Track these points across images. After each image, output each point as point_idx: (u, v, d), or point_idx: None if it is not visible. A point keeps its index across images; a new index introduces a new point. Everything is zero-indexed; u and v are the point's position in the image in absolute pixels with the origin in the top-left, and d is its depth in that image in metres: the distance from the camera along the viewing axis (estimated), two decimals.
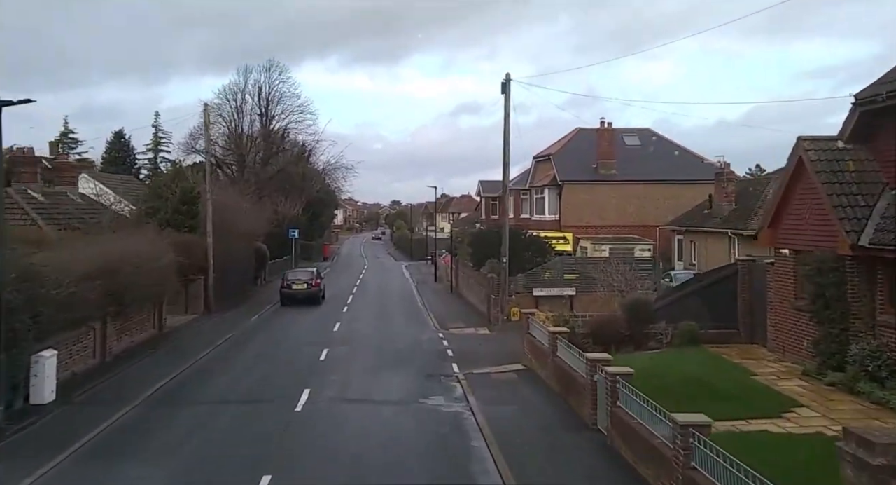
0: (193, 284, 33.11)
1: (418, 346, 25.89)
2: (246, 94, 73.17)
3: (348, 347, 25.27)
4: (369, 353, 24.47)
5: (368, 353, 24.46)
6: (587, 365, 15.00)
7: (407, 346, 25.87)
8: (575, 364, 16.39)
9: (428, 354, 24.33)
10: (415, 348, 25.36)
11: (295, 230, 61.27)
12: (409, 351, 24.77)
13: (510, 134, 30.10)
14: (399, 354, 24.23)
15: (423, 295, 43.09)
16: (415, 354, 24.31)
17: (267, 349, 25.08)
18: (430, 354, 24.34)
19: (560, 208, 45.37)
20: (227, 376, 20.54)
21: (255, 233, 46.22)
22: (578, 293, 30.60)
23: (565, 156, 46.67)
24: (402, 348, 25.26)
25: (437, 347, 25.72)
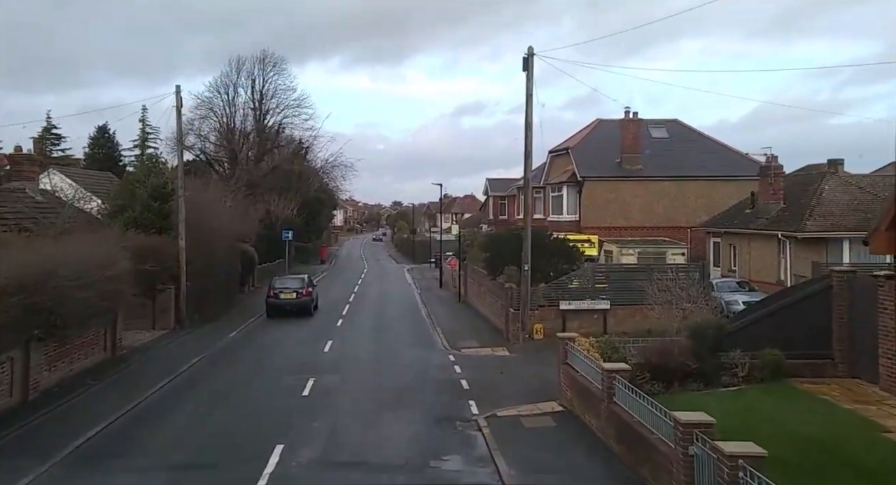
0: (163, 294, 28.37)
1: (425, 373, 21.10)
2: (238, 88, 68.55)
3: (340, 377, 20.47)
4: (365, 384, 19.68)
5: (364, 384, 19.67)
6: (677, 430, 10.22)
7: (411, 373, 21.09)
8: (650, 421, 11.62)
9: (438, 385, 19.54)
10: (421, 377, 20.57)
11: (289, 231, 56.54)
12: (414, 381, 19.99)
13: (532, 117, 25.41)
14: (402, 385, 19.45)
15: (428, 304, 38.32)
16: (421, 385, 19.52)
17: (239, 379, 20.29)
18: (440, 385, 19.56)
19: (580, 208, 40.59)
20: (180, 423, 15.74)
21: (242, 234, 41.49)
22: (612, 307, 25.85)
23: (585, 149, 41.89)
24: (405, 377, 20.48)
25: (448, 374, 20.94)
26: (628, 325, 25.85)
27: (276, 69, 68.81)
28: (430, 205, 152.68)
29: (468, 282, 38.97)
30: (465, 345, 25.66)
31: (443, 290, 47.06)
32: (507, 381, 20.00)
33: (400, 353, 24.42)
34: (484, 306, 33.07)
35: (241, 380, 20.09)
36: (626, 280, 26.49)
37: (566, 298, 25.82)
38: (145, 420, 15.85)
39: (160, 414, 16.36)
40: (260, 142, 69.00)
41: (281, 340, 27.05)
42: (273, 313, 33.40)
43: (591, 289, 26.27)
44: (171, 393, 18.60)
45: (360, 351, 24.78)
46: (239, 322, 31.45)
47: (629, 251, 35.92)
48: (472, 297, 37.16)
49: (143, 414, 16.37)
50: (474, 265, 36.68)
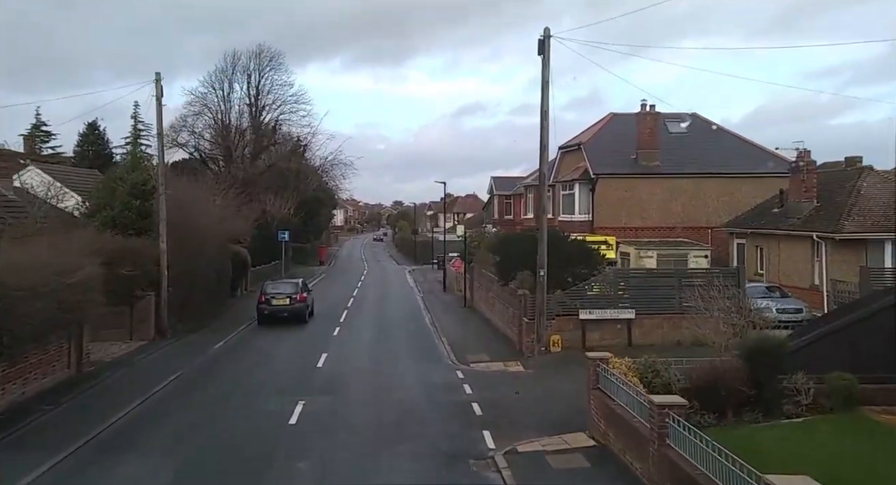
0: (141, 301, 25.75)
1: (431, 394, 18.46)
2: (234, 83, 65.97)
3: (333, 399, 17.85)
4: (362, 409, 17.05)
5: (361, 409, 17.04)
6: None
7: (415, 394, 18.47)
8: (724, 477, 8.98)
9: (446, 410, 16.93)
10: (427, 399, 17.94)
11: (285, 232, 53.93)
12: (418, 405, 17.37)
13: (549, 105, 22.79)
14: (405, 410, 16.83)
15: (432, 310, 35.71)
16: (427, 410, 16.90)
17: (217, 403, 17.65)
18: (448, 409, 16.95)
19: (593, 207, 37.95)
20: (140, 465, 13.12)
21: (235, 235, 38.91)
22: (637, 316, 23.23)
23: (599, 145, 39.25)
24: (408, 400, 17.86)
25: (457, 395, 18.31)
26: (655, 336, 23.31)
27: (273, 64, 66.28)
28: (432, 204, 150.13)
29: (474, 286, 36.36)
30: (474, 359, 23.03)
31: (447, 293, 44.45)
32: (525, 404, 17.41)
33: (402, 368, 21.80)
34: (493, 313, 30.46)
35: (219, 404, 17.44)
36: (652, 287, 23.86)
37: (586, 307, 23.20)
38: (99, 462, 13.21)
39: (119, 453, 13.71)
40: (256, 139, 66.44)
41: (270, 353, 24.43)
42: (265, 321, 30.82)
43: (613, 296, 23.64)
44: (139, 419, 15.99)
45: (358, 366, 22.16)
46: (227, 331, 28.83)
47: (648, 253, 33.31)
48: (480, 302, 34.55)
49: (98, 453, 13.72)
50: (481, 268, 34.07)
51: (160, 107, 26.58)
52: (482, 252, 35.45)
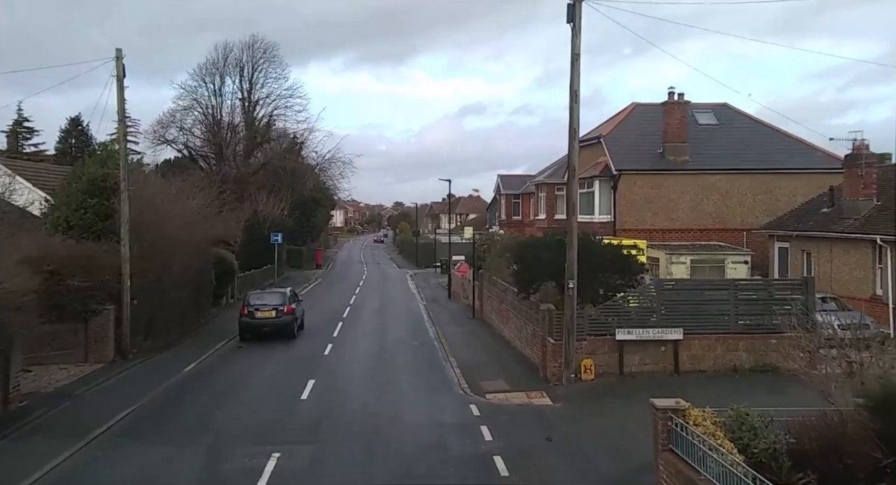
0: (99, 317, 21.81)
1: (441, 443, 14.42)
2: (225, 76, 62.07)
3: (316, 450, 13.84)
4: (352, 469, 13.09)
5: (349, 469, 13.07)
6: None
7: (420, 441, 14.48)
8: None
9: (460, 469, 12.96)
10: (436, 452, 13.89)
11: (278, 234, 50.02)
12: (425, 461, 13.36)
13: (579, 82, 18.93)
14: (407, 471, 12.86)
15: (437, 321, 31.80)
16: (436, 468, 12.95)
17: (161, 460, 13.62)
18: (463, 467, 12.99)
19: (615, 206, 34.02)
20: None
21: (221, 238, 35.00)
22: (686, 337, 19.29)
23: (621, 138, 35.30)
24: (412, 452, 13.84)
25: (473, 445, 14.28)
26: (706, 361, 19.41)
27: (267, 56, 62.35)
28: (434, 205, 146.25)
29: (484, 294, 32.45)
30: (490, 387, 19.09)
31: (452, 301, 40.54)
32: (561, 456, 13.48)
33: (404, 401, 17.82)
34: (508, 328, 26.54)
35: (170, 460, 13.46)
36: (703, 301, 19.92)
37: (623, 326, 19.27)
38: None
39: None
40: (249, 135, 62.57)
41: (248, 379, 20.47)
42: (247, 336, 26.94)
43: (655, 312, 19.70)
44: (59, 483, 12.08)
45: (351, 398, 18.21)
46: (203, 349, 24.93)
47: (680, 259, 29.37)
48: (491, 314, 30.62)
49: None
50: (493, 275, 30.18)
51: (122, 88, 22.71)
52: (493, 257, 31.60)
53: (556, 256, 19.79)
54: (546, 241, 21.24)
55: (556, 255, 19.91)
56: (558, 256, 19.65)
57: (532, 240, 21.72)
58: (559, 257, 19.51)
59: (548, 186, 42.90)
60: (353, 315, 34.46)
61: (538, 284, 20.93)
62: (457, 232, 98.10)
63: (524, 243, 21.57)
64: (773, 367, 19.04)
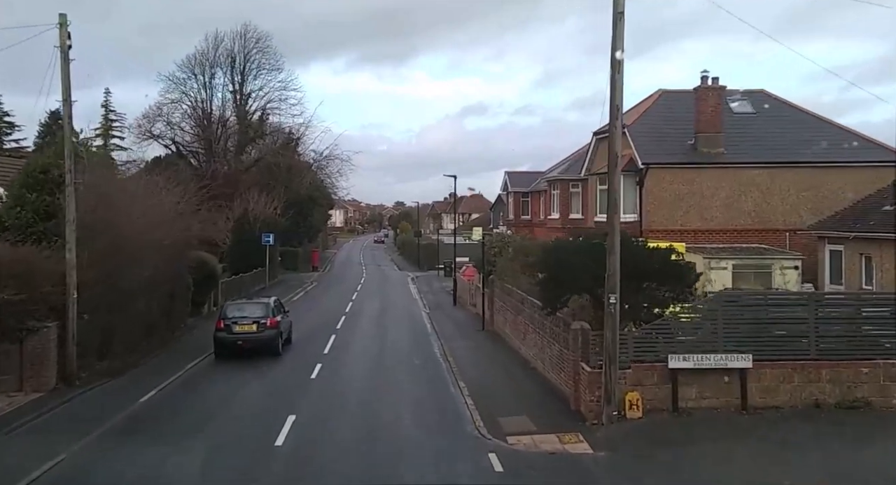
0: (37, 336, 17.95)
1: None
2: (216, 67, 58.27)
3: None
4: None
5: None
6: None
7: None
8: None
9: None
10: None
11: (269, 235, 46.22)
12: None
13: (622, 44, 15.11)
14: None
15: (443, 334, 27.96)
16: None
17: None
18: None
19: (641, 204, 30.15)
20: None
21: (201, 239, 31.18)
22: (755, 364, 15.40)
23: (647, 128, 31.38)
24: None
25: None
26: (781, 394, 15.55)
27: (260, 46, 58.59)
28: (436, 204, 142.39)
29: (495, 303, 28.62)
30: (512, 427, 15.20)
31: (458, 309, 36.70)
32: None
33: (406, 452, 13.90)
34: (526, 345, 22.69)
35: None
36: (773, 320, 16.03)
37: (677, 350, 15.41)
38: None
39: None
40: (240, 130, 58.77)
41: (213, 415, 16.58)
42: (223, 354, 23.12)
43: (715, 332, 15.82)
44: None
45: (339, 444, 14.34)
46: (169, 370, 21.10)
47: (721, 264, 25.45)
48: (504, 326, 26.78)
49: None
50: (506, 282, 26.36)
51: (66, 61, 18.79)
52: (505, 262, 27.77)
53: (592, 263, 15.96)
54: (578, 245, 17.37)
55: (590, 262, 16.07)
56: (594, 263, 15.83)
57: (560, 244, 17.85)
58: (595, 265, 15.70)
59: (562, 183, 39.06)
60: (348, 325, 30.61)
61: (568, 297, 17.06)
62: (461, 232, 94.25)
63: (551, 248, 17.70)
64: (865, 402, 15.25)
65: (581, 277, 16.27)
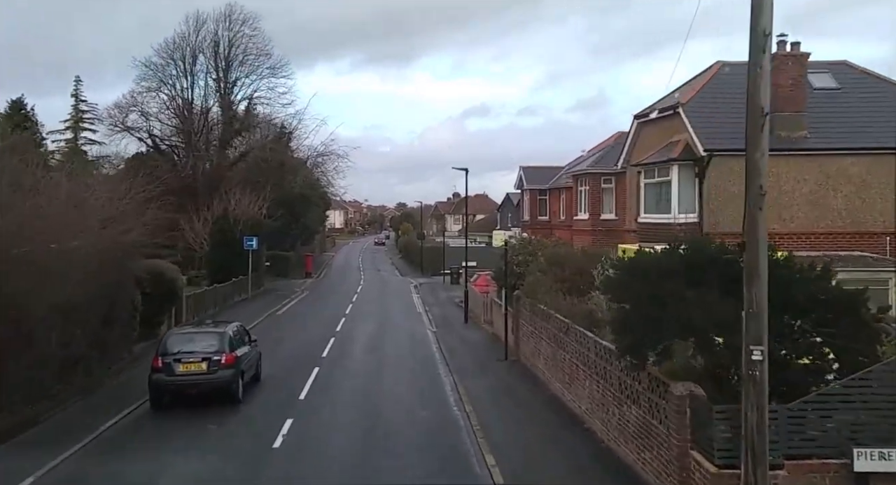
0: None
1: None
2: (197, 52, 52.11)
3: None
4: None
5: None
6: None
7: None
8: None
9: None
10: None
11: (252, 239, 40.00)
12: None
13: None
14: None
15: (455, 366, 21.67)
16: None
17: None
18: None
19: (701, 202, 23.87)
20: None
21: (149, 246, 24.96)
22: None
23: (707, 107, 25.10)
24: None
25: None
26: None
27: (246, 27, 52.46)
28: (439, 205, 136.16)
29: (521, 326, 22.34)
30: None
31: (470, 327, 30.45)
32: None
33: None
34: (574, 392, 16.37)
35: None
36: None
37: (863, 440, 9.17)
38: None
39: None
40: (225, 121, 52.60)
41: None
42: (162, 401, 16.95)
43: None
44: None
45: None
46: (81, 430, 14.89)
47: None
48: (536, 358, 20.46)
49: None
50: (538, 300, 20.14)
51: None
52: (536, 274, 21.54)
53: (706, 295, 9.76)
54: (679, 260, 11.08)
55: (704, 293, 9.86)
56: (710, 295, 9.63)
57: (649, 260, 11.42)
58: (712, 299, 9.52)
59: (592, 178, 32.87)
60: (336, 354, 24.34)
61: (667, 345, 10.77)
62: (470, 234, 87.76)
63: (635, 266, 11.28)
64: None
65: (692, 314, 10.02)
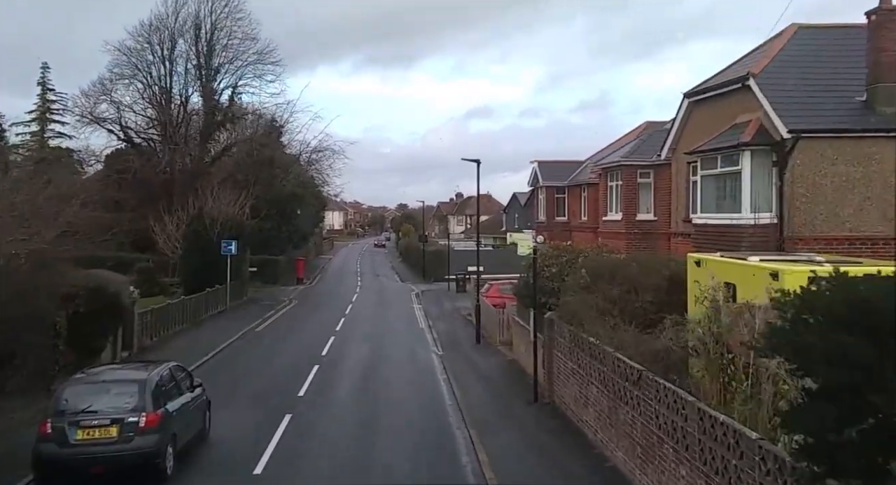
0: None
1: None
2: (177, 36, 46.78)
3: None
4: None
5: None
6: None
7: None
8: None
9: None
10: None
11: (231, 242, 34.66)
12: None
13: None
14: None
15: (472, 415, 16.25)
16: None
17: None
18: None
19: (782, 197, 18.50)
20: None
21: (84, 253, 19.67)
22: None
23: (785, 78, 19.79)
24: None
25: None
26: None
27: (230, 9, 47.12)
28: (441, 205, 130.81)
29: (556, 360, 16.93)
30: None
31: (483, 351, 25.03)
32: None
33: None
34: (652, 471, 10.96)
35: None
36: None
37: None
38: None
39: None
40: (206, 111, 47.24)
41: None
42: (51, 481, 11.63)
43: None
44: None
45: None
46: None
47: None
48: (583, 408, 14.98)
49: None
50: (582, 327, 14.75)
51: None
52: (575, 292, 16.13)
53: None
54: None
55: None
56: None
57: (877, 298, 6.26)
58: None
59: (627, 170, 27.56)
60: (316, 394, 18.88)
61: None
62: (473, 236, 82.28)
63: (835, 309, 6.06)
64: None
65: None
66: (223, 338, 26.61)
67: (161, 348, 24.57)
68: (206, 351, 23.57)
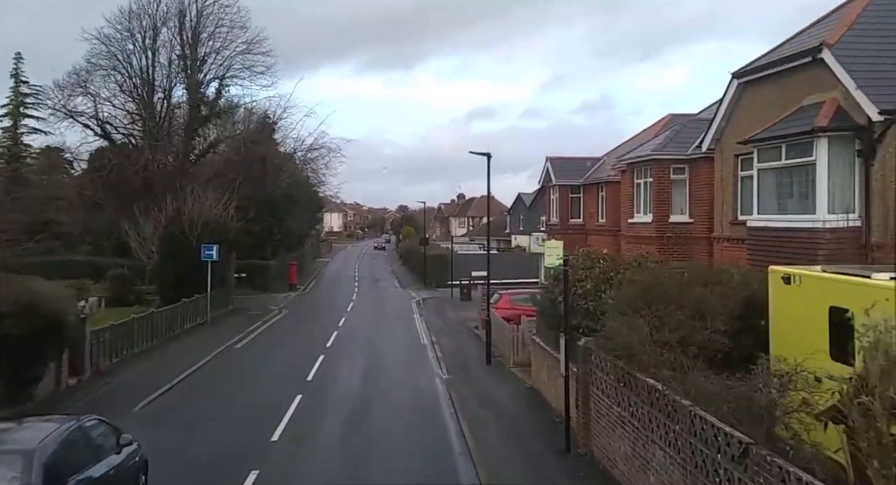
0: None
1: None
2: (159, 25, 43.14)
3: None
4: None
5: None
6: None
7: None
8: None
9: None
10: None
11: (212, 247, 31.00)
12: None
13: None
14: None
15: (489, 471, 12.63)
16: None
17: None
18: None
19: (868, 195, 14.89)
20: None
21: None
22: None
23: (871, 48, 16.21)
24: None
25: None
26: None
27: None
28: (443, 206, 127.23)
29: (592, 399, 13.28)
30: None
31: (497, 376, 21.35)
32: None
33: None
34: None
35: None
36: None
37: None
38: None
39: None
40: (191, 104, 43.59)
41: None
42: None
43: None
44: None
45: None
46: None
47: None
48: (638, 471, 11.36)
49: None
50: (634, 364, 11.12)
51: None
52: (623, 313, 12.44)
53: None
54: None
55: None
56: None
57: None
58: None
59: (658, 166, 23.92)
60: (294, 437, 15.20)
61: None
62: (475, 239, 78.59)
63: None
64: None
65: None
66: (196, 358, 22.99)
67: (120, 371, 20.96)
68: (169, 378, 19.87)
